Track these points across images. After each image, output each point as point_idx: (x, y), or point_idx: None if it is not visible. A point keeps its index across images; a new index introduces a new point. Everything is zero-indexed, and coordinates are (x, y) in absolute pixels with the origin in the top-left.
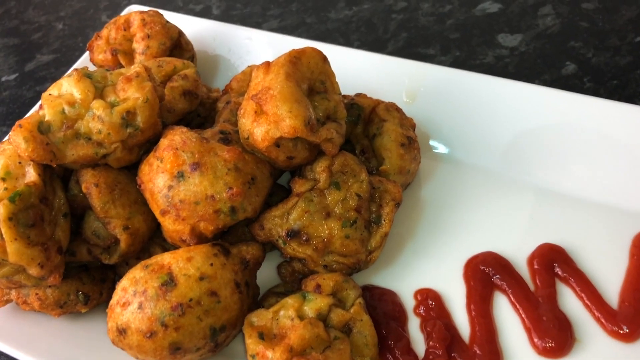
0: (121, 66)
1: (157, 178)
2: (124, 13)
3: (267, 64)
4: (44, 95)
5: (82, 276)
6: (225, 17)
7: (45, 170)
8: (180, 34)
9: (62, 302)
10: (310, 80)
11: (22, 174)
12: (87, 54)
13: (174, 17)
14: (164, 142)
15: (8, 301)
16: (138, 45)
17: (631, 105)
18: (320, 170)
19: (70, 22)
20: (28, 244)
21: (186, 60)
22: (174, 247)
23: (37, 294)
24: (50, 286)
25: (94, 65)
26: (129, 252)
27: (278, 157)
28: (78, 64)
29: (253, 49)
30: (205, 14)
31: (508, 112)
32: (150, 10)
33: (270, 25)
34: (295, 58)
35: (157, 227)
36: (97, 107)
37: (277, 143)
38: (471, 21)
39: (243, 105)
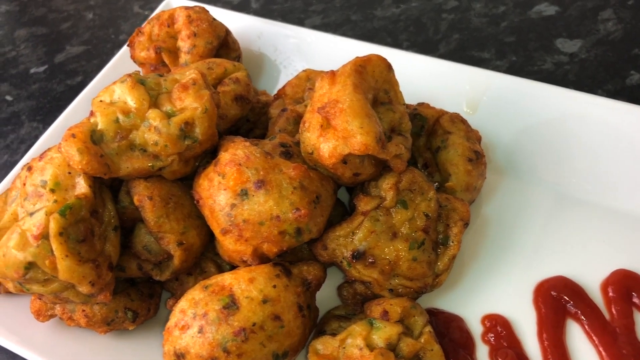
0: (164, 64)
1: (219, 195)
2: (161, 6)
3: (332, 74)
4: (95, 101)
5: (130, 292)
6: (265, 11)
7: (94, 180)
8: (227, 32)
9: (110, 319)
10: (375, 90)
11: (71, 185)
12: (124, 49)
13: (217, 13)
14: (225, 157)
15: (52, 316)
16: (184, 44)
17: None
18: (387, 187)
19: (100, 11)
20: (79, 261)
21: (237, 62)
22: (227, 263)
23: (83, 310)
24: (97, 303)
25: (135, 62)
26: (182, 269)
27: (344, 173)
28: (115, 60)
29: (301, 48)
30: (243, 7)
31: (578, 127)
32: (196, 6)
33: (313, 22)
34: (360, 67)
35: (210, 241)
36: (154, 118)
37: (345, 159)
38: (527, 24)
39: (307, 117)
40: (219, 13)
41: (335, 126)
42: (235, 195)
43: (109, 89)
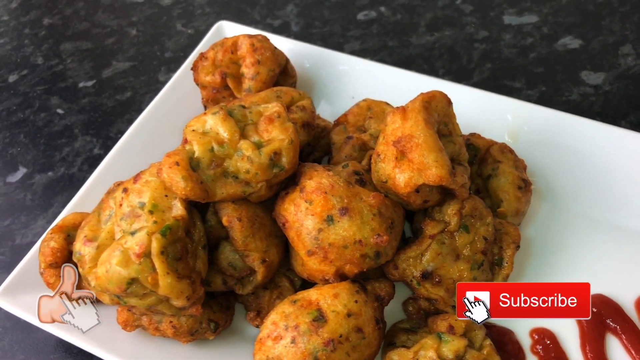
0: (226, 88)
1: (307, 220)
2: (213, 29)
3: (403, 110)
4: (187, 130)
5: (211, 304)
6: (305, 35)
7: (188, 203)
8: (287, 60)
9: (194, 330)
10: (438, 123)
11: (168, 206)
12: (182, 70)
13: (272, 39)
14: (311, 184)
15: (138, 326)
16: (248, 71)
17: None
18: (452, 213)
19: (143, 28)
20: (178, 278)
21: (301, 91)
22: (298, 278)
23: (171, 322)
24: (186, 315)
25: (197, 84)
26: (263, 284)
27: (415, 201)
28: (174, 82)
29: (351, 76)
30: (283, 30)
31: (608, 158)
32: (258, 35)
33: (351, 47)
34: (427, 103)
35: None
36: (246, 148)
37: (418, 189)
38: (554, 56)
39: (381, 150)
40: (273, 39)
41: (411, 159)
42: (322, 221)
43: (201, 119)
